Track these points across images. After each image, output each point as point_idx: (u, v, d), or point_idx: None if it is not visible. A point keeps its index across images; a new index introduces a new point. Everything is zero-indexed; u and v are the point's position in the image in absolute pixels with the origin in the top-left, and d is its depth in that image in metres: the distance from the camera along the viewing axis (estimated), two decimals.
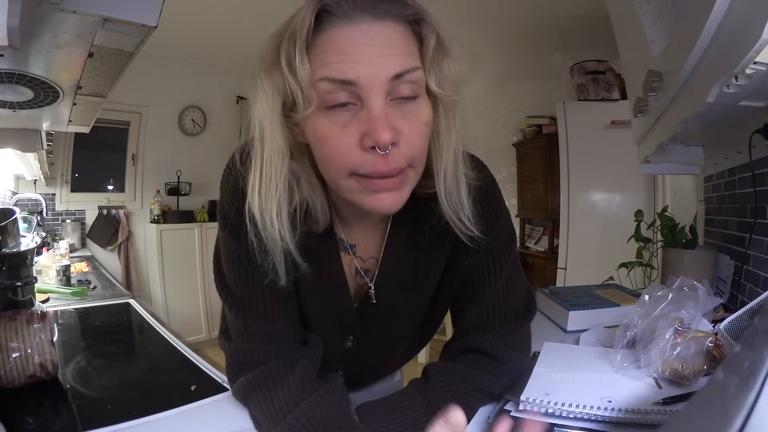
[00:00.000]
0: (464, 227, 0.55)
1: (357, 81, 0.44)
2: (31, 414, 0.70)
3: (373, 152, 0.45)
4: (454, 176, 0.53)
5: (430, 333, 0.78)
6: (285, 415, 0.53)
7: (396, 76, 0.45)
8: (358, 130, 0.45)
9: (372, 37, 0.44)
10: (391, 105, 0.46)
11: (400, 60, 0.45)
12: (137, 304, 1.59)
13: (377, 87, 0.44)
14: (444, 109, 0.51)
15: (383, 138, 0.43)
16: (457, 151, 0.53)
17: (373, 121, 0.44)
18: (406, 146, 0.47)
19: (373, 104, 0.44)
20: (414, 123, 0.47)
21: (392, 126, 0.45)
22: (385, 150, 0.44)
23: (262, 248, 0.52)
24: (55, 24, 0.69)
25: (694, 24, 0.57)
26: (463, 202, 0.54)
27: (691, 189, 1.82)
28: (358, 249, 0.64)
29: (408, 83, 0.46)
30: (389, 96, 0.46)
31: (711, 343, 0.60)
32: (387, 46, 0.44)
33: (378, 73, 0.44)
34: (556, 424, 0.52)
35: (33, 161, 2.02)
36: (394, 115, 0.46)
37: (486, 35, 3.08)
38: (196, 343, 3.29)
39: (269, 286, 0.58)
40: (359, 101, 0.45)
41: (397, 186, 0.48)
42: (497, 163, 4.02)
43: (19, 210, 1.31)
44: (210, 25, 2.87)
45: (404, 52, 0.45)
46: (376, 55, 0.44)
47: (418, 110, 0.47)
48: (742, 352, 0.37)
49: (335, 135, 0.46)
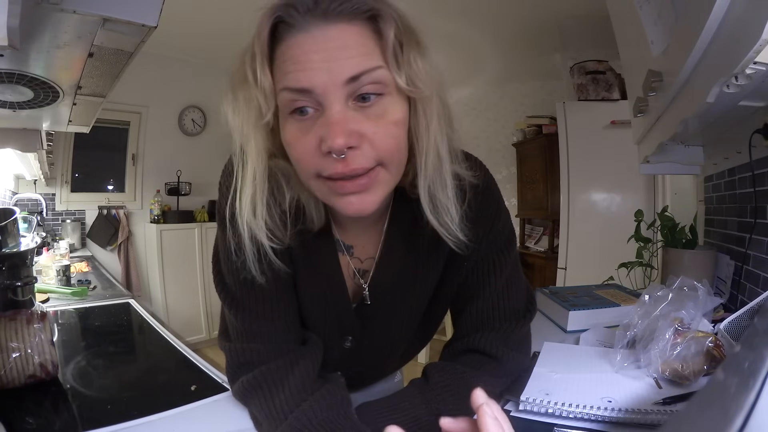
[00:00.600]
0: (448, 232, 0.53)
1: (312, 88, 0.44)
2: (31, 414, 0.70)
3: (331, 156, 0.45)
4: (437, 177, 0.51)
5: (429, 333, 0.78)
6: (286, 415, 0.53)
7: (351, 78, 0.44)
8: (317, 135, 0.46)
9: (325, 42, 0.44)
10: (354, 107, 0.46)
11: (354, 62, 0.44)
12: (137, 304, 1.58)
13: (333, 92, 0.44)
14: (420, 107, 0.49)
15: (336, 143, 0.44)
16: (440, 151, 0.50)
17: (328, 126, 0.44)
18: (370, 147, 0.46)
19: (330, 109, 0.45)
20: (380, 123, 0.46)
21: (349, 130, 0.44)
22: (341, 155, 0.45)
23: (238, 246, 0.53)
24: (55, 24, 0.69)
25: (694, 24, 0.57)
26: (449, 206, 0.52)
27: (691, 189, 1.82)
28: (356, 250, 0.64)
29: (370, 84, 0.45)
30: (350, 98, 0.45)
31: (711, 343, 0.60)
32: (340, 49, 0.44)
33: (332, 78, 0.44)
34: (556, 424, 0.52)
35: (33, 161, 2.02)
36: (356, 118, 0.45)
37: (486, 35, 3.08)
38: (196, 343, 3.29)
39: (268, 286, 0.59)
40: (320, 107, 0.46)
41: (364, 188, 0.48)
42: (497, 163, 4.02)
43: (19, 210, 1.31)
44: (210, 25, 2.87)
45: (360, 53, 0.45)
46: (328, 59, 0.44)
47: (384, 110, 0.47)
48: (742, 352, 0.37)
49: (299, 140, 0.47)
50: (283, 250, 0.57)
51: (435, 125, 0.49)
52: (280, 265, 0.54)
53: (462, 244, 0.54)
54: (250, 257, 0.53)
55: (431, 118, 0.49)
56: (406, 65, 0.47)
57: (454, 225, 0.53)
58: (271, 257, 0.53)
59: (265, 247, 0.52)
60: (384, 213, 0.62)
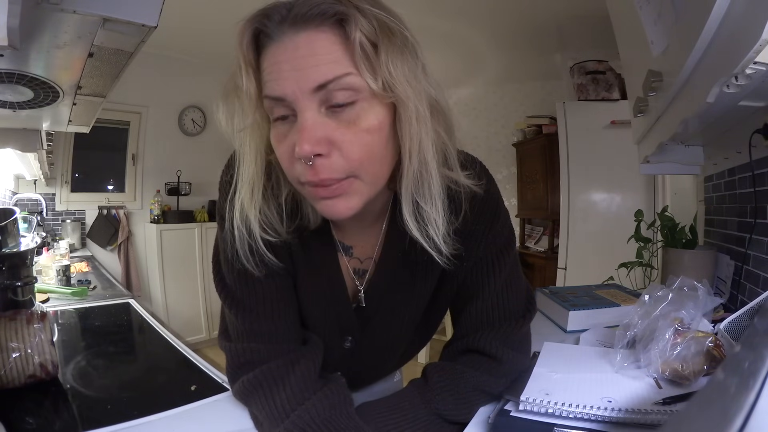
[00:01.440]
0: (430, 245, 0.51)
1: (284, 97, 0.45)
2: (31, 414, 0.70)
3: (300, 163, 0.46)
4: (421, 185, 0.49)
5: (429, 333, 0.78)
6: (287, 414, 0.53)
7: (319, 86, 0.44)
8: (291, 141, 0.46)
9: (294, 50, 0.44)
10: (328, 114, 0.46)
11: (321, 70, 0.44)
12: (137, 304, 1.59)
13: (302, 100, 0.45)
14: (400, 110, 0.47)
15: (303, 150, 0.44)
16: (425, 156, 0.48)
17: (298, 133, 0.45)
18: (339, 156, 0.46)
19: (301, 116, 0.45)
20: (352, 130, 0.45)
21: (316, 137, 0.44)
22: (308, 161, 0.45)
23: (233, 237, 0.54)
24: (55, 24, 0.69)
25: (694, 24, 0.57)
26: (435, 217, 0.50)
27: (691, 189, 1.82)
28: (355, 250, 0.64)
29: (340, 90, 0.44)
30: (324, 105, 0.45)
31: (711, 343, 0.60)
32: (308, 57, 0.44)
33: (300, 87, 0.44)
34: (556, 424, 0.52)
35: (33, 161, 2.02)
36: (327, 125, 0.45)
37: (486, 35, 3.08)
38: (196, 343, 3.29)
39: (268, 286, 0.59)
40: (296, 113, 0.46)
41: (336, 194, 0.48)
42: (497, 163, 4.02)
43: (19, 210, 1.31)
44: (210, 25, 2.87)
45: (329, 60, 0.44)
46: (297, 68, 0.44)
47: (357, 116, 0.46)
48: (742, 352, 0.37)
49: (279, 146, 0.48)
50: (282, 248, 0.57)
51: (415, 129, 0.47)
52: (272, 259, 0.55)
53: (445, 258, 0.52)
54: (241, 250, 0.54)
55: (410, 122, 0.47)
56: (380, 68, 0.45)
57: (438, 237, 0.51)
58: (263, 251, 0.54)
59: (258, 242, 0.53)
60: (383, 214, 0.62)
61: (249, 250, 0.54)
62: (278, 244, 0.56)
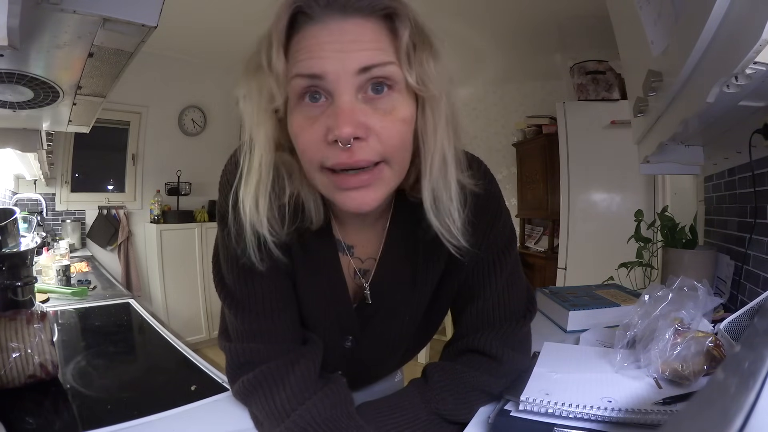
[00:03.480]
0: (449, 236, 0.53)
1: (324, 75, 0.45)
2: (31, 414, 0.70)
3: (336, 146, 0.46)
4: (441, 179, 0.51)
5: (430, 333, 0.78)
6: (288, 413, 0.53)
7: (363, 69, 0.45)
8: (325, 124, 0.46)
9: (340, 34, 0.45)
10: (363, 100, 0.46)
11: (367, 54, 0.45)
12: (137, 304, 1.59)
13: (344, 80, 0.45)
14: (428, 108, 0.50)
15: (344, 132, 0.44)
16: (446, 153, 0.51)
17: (336, 115, 0.45)
18: (376, 141, 0.46)
19: (339, 98, 0.45)
20: (387, 118, 0.47)
21: (357, 120, 0.45)
22: (347, 144, 0.45)
23: (239, 233, 0.53)
24: (55, 24, 0.69)
25: (694, 24, 0.57)
26: (451, 210, 0.52)
27: (691, 189, 1.82)
28: (357, 250, 0.64)
29: (379, 78, 0.46)
30: (360, 91, 0.46)
31: (711, 343, 0.60)
32: (354, 42, 0.45)
33: (344, 67, 0.44)
34: (556, 424, 0.52)
35: (33, 161, 2.02)
36: (364, 110, 0.46)
37: (486, 35, 3.08)
38: (196, 343, 3.28)
39: (268, 285, 0.59)
40: (330, 96, 0.46)
41: (367, 183, 0.48)
42: (497, 163, 4.02)
43: (19, 210, 1.31)
44: (210, 24, 2.87)
45: (373, 47, 0.45)
46: (342, 50, 0.45)
47: (393, 106, 0.47)
48: (742, 352, 0.37)
49: (306, 129, 0.47)
50: (282, 247, 0.57)
51: (442, 127, 0.50)
52: (279, 254, 0.54)
53: (462, 248, 0.54)
54: (250, 244, 0.52)
55: (439, 119, 0.49)
56: (418, 65, 0.47)
57: (455, 229, 0.52)
58: (271, 245, 0.52)
59: (265, 235, 0.52)
60: (385, 213, 0.62)
61: (256, 244, 0.53)
62: (279, 244, 0.55)
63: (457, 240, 0.53)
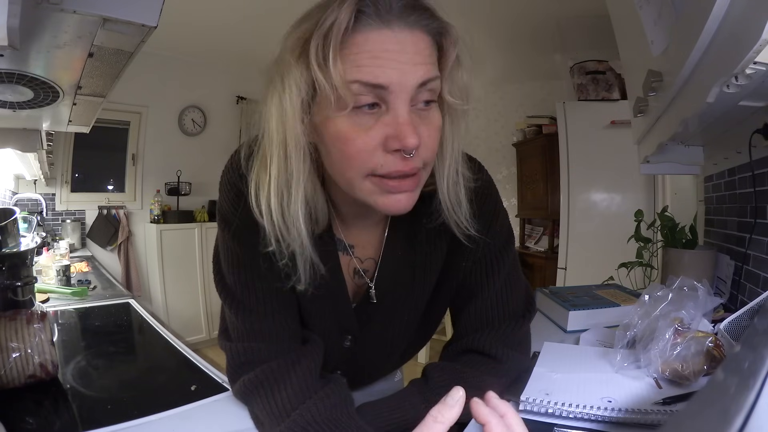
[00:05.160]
0: (462, 226, 0.57)
1: (389, 86, 0.45)
2: (31, 414, 0.70)
3: (395, 154, 0.47)
4: (454, 178, 0.55)
5: (429, 333, 0.78)
6: (288, 413, 0.53)
7: (422, 83, 0.47)
8: (382, 132, 0.46)
9: (405, 44, 0.45)
10: (414, 112, 0.48)
11: (426, 69, 0.47)
12: (137, 304, 1.59)
13: (405, 93, 0.46)
14: (452, 116, 0.53)
15: (411, 143, 0.45)
16: (457, 156, 0.55)
17: (401, 126, 0.46)
18: (424, 149, 0.49)
19: (400, 109, 0.46)
20: (430, 128, 0.49)
21: (417, 131, 0.46)
22: (410, 153, 0.46)
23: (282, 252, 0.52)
24: (55, 24, 0.69)
25: (694, 24, 0.57)
26: (462, 202, 0.56)
27: (691, 189, 1.82)
28: (357, 249, 0.64)
29: (428, 91, 0.48)
30: (412, 102, 0.47)
31: (711, 343, 0.60)
32: (417, 54, 0.46)
33: (408, 80, 0.45)
34: (556, 424, 0.52)
35: (33, 161, 2.02)
36: (417, 122, 0.47)
37: (486, 35, 3.08)
38: (196, 343, 3.28)
39: (268, 285, 0.59)
40: (384, 104, 0.46)
41: (413, 187, 0.50)
42: (497, 163, 4.02)
43: (19, 210, 1.31)
44: (210, 25, 2.87)
45: (430, 62, 0.48)
46: (407, 62, 0.45)
47: (433, 116, 0.50)
48: (742, 352, 0.37)
49: (359, 136, 0.46)
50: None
51: (460, 134, 0.54)
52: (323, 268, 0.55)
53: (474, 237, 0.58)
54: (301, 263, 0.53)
55: (460, 128, 0.54)
56: (451, 79, 0.51)
57: (466, 220, 0.57)
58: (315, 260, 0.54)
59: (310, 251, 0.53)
60: (385, 215, 0.62)
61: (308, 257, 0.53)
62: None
63: (467, 227, 0.57)
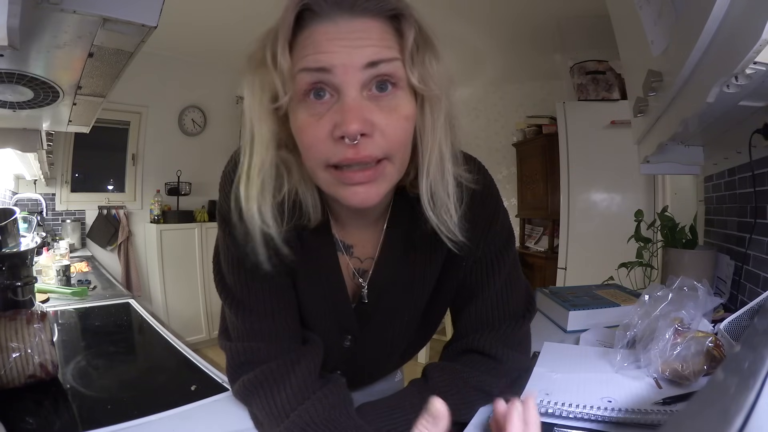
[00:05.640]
0: (447, 230, 0.54)
1: (331, 68, 0.45)
2: (31, 414, 0.70)
3: (342, 142, 0.46)
4: (439, 176, 0.52)
5: (429, 333, 0.78)
6: (287, 413, 0.53)
7: (370, 63, 0.45)
8: (331, 120, 0.46)
9: (348, 31, 0.45)
10: (368, 98, 0.47)
11: (374, 49, 0.46)
12: (137, 304, 1.59)
13: (351, 75, 0.45)
14: (428, 106, 0.51)
15: (351, 128, 0.44)
16: (443, 151, 0.52)
17: (344, 111, 0.45)
18: (381, 137, 0.47)
19: (346, 95, 0.46)
20: (392, 116, 0.47)
21: (363, 117, 0.45)
22: (354, 140, 0.45)
23: (244, 232, 0.52)
24: (55, 24, 0.69)
25: (694, 24, 0.57)
26: (449, 205, 0.53)
27: (691, 189, 1.82)
28: (355, 249, 0.64)
29: (385, 75, 0.46)
30: (365, 89, 0.47)
31: (711, 343, 0.60)
32: (362, 38, 0.46)
33: (352, 60, 0.45)
34: (556, 424, 0.52)
35: (33, 161, 2.02)
36: (369, 107, 0.46)
37: (486, 35, 3.08)
38: (196, 343, 3.28)
39: (268, 285, 0.59)
40: (336, 93, 0.46)
41: (370, 179, 0.48)
42: (497, 163, 4.02)
43: (19, 210, 1.31)
44: (210, 25, 2.87)
45: (380, 44, 0.46)
46: (350, 45, 0.45)
47: (396, 103, 0.48)
48: (742, 352, 0.37)
49: (311, 126, 0.47)
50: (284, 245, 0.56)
51: (441, 125, 0.51)
52: (287, 251, 0.53)
53: (460, 243, 0.54)
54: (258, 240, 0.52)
55: (438, 118, 0.51)
56: (420, 65, 0.48)
57: (452, 223, 0.53)
58: (278, 242, 0.52)
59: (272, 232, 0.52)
60: (384, 212, 0.62)
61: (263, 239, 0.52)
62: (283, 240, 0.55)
63: (454, 235, 0.54)
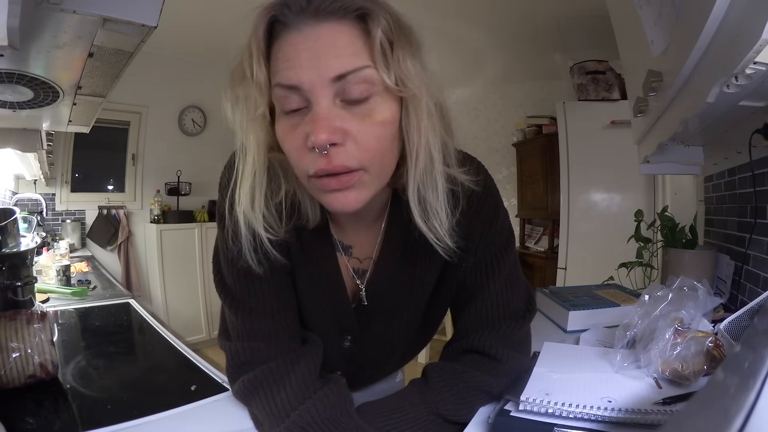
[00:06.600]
0: (436, 237, 0.52)
1: (300, 85, 0.45)
2: (31, 414, 0.70)
3: (314, 152, 0.46)
4: (427, 179, 0.51)
5: (429, 333, 0.78)
6: (287, 414, 0.53)
7: (338, 77, 0.45)
8: (304, 131, 0.46)
9: (315, 40, 0.45)
10: (342, 106, 0.46)
11: (341, 61, 0.44)
12: (137, 304, 1.59)
13: (319, 89, 0.45)
14: (411, 107, 0.49)
15: (319, 139, 0.44)
16: (432, 152, 0.50)
17: (313, 122, 0.45)
18: (353, 145, 0.46)
19: (316, 105, 0.46)
20: (365, 122, 0.46)
21: (333, 126, 0.45)
22: (323, 150, 0.45)
23: (235, 235, 0.53)
24: (55, 24, 0.69)
25: (694, 24, 0.57)
26: (439, 211, 0.51)
27: (691, 189, 1.82)
28: (355, 250, 0.64)
29: (357, 83, 0.45)
30: (338, 97, 0.46)
31: (711, 343, 0.60)
32: (328, 48, 0.45)
33: (319, 76, 0.44)
34: (556, 424, 0.52)
35: (33, 161, 2.02)
36: (341, 116, 0.46)
37: (486, 35, 3.08)
38: (196, 343, 3.29)
39: (268, 285, 0.59)
40: (309, 103, 0.46)
41: (345, 185, 0.47)
42: (497, 163, 4.02)
43: (19, 210, 1.31)
44: (210, 25, 2.87)
45: (348, 53, 0.45)
46: (316, 58, 0.44)
47: (371, 109, 0.47)
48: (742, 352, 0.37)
49: (289, 135, 0.48)
50: (281, 247, 0.57)
51: (425, 125, 0.49)
52: (276, 256, 0.54)
53: (450, 250, 0.53)
54: (246, 246, 0.53)
55: (421, 117, 0.49)
56: (395, 65, 0.46)
57: (443, 230, 0.52)
58: (267, 247, 0.53)
59: (262, 237, 0.52)
60: (382, 213, 0.62)
61: (253, 246, 0.53)
62: (277, 243, 0.56)
63: (445, 243, 0.52)
